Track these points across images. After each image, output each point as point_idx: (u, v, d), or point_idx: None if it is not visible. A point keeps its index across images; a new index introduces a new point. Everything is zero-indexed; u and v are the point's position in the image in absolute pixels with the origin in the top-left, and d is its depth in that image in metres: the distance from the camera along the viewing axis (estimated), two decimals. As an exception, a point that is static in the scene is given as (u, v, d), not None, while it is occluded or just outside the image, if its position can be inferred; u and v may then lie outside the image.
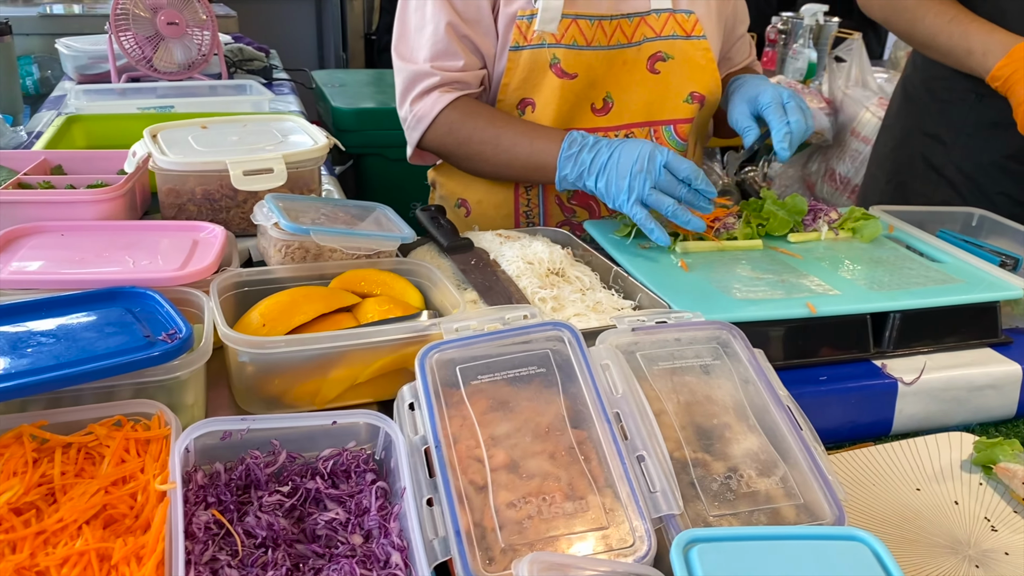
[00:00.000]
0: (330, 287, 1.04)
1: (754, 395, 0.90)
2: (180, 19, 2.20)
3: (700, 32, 1.49)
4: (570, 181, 1.34)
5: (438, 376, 0.86)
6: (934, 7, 1.62)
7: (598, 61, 1.44)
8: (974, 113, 1.72)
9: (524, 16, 1.39)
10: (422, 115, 1.41)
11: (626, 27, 1.45)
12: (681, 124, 1.53)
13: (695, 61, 1.49)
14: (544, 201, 1.54)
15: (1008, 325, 1.24)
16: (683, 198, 1.27)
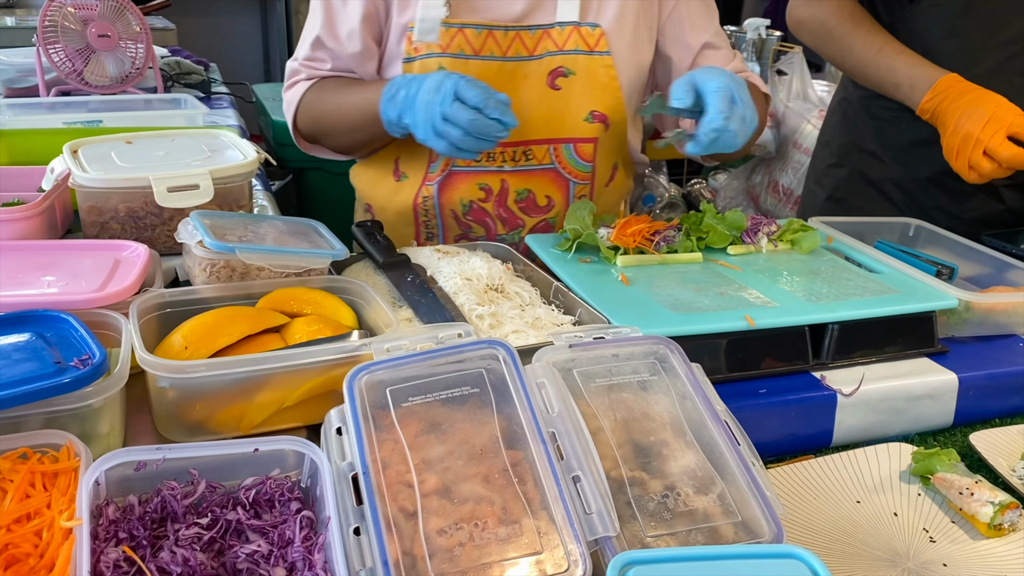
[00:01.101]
0: (257, 307, 1.00)
1: (691, 410, 0.89)
2: (112, 32, 2.14)
3: (604, 48, 1.43)
4: (394, 123, 1.29)
5: (367, 399, 0.83)
6: (861, 38, 1.65)
7: (490, 72, 1.40)
8: (910, 131, 1.75)
9: (410, 28, 1.38)
10: (289, 101, 1.45)
11: (528, 39, 1.41)
12: (582, 144, 1.48)
13: (597, 78, 1.44)
14: (441, 216, 1.50)
15: (944, 334, 1.25)
16: (469, 127, 1.19)
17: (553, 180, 1.50)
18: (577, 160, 1.50)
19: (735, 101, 1.22)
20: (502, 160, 1.47)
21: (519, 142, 1.46)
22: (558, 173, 1.50)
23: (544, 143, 1.48)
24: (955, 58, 1.61)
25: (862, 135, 1.83)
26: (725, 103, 1.20)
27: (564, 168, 1.50)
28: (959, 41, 1.62)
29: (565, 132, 1.48)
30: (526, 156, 1.47)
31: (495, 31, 1.40)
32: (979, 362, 1.19)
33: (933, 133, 1.64)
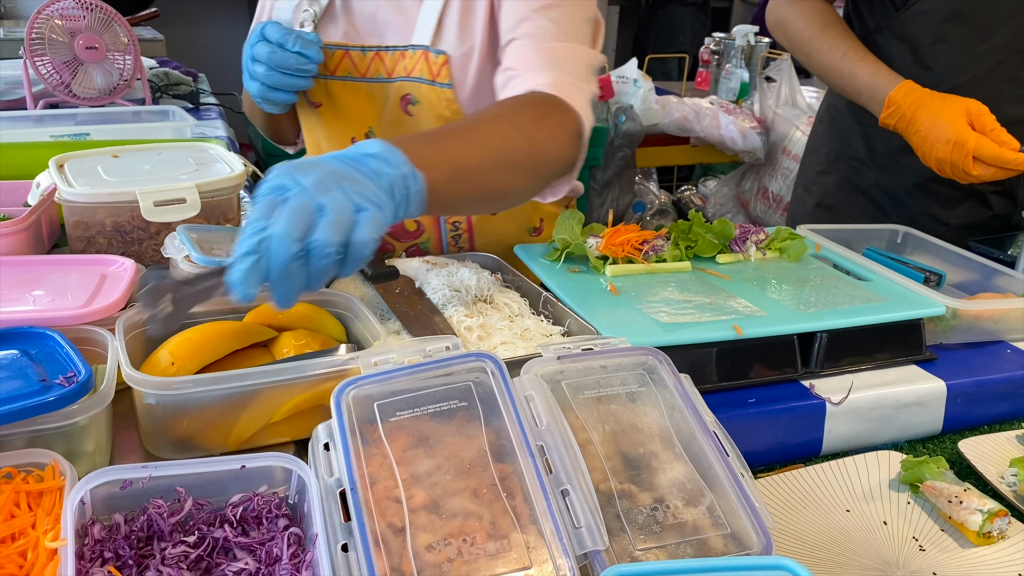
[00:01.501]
0: (244, 322, 1.00)
1: (680, 422, 0.89)
2: (100, 43, 2.13)
3: (445, 79, 1.32)
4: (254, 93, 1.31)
5: (355, 413, 0.82)
6: (827, 43, 1.65)
7: (346, 92, 1.39)
8: (897, 137, 1.75)
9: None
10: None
11: (388, 60, 1.37)
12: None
13: (439, 111, 1.35)
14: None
15: (932, 342, 1.25)
16: (269, 60, 1.22)
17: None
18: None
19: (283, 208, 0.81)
20: None
21: None
22: None
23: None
24: (944, 64, 1.63)
25: (850, 142, 1.84)
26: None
27: None
28: (947, 48, 1.63)
29: None
30: None
31: (351, 51, 1.37)
32: (967, 369, 1.20)
33: None
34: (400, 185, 0.88)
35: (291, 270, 0.78)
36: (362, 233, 0.80)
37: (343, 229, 0.79)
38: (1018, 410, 1.21)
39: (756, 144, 3.10)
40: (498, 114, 1.13)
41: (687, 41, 5.94)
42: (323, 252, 0.78)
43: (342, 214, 0.79)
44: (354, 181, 0.83)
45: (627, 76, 3.10)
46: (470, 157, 1.01)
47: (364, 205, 0.81)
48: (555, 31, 1.25)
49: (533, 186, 1.17)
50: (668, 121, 3.12)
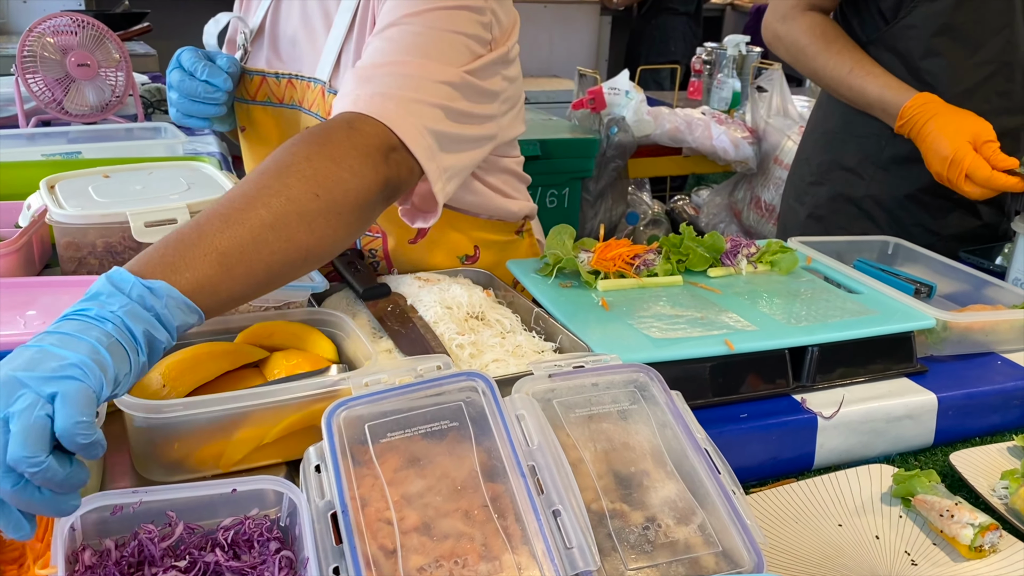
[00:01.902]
0: (236, 342, 1.00)
1: (672, 439, 0.89)
2: (92, 60, 2.13)
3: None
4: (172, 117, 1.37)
5: (346, 435, 0.82)
6: (833, 58, 1.67)
7: (266, 116, 1.39)
8: (890, 147, 1.76)
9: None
10: None
11: (299, 87, 1.35)
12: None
13: None
14: None
15: (923, 354, 1.26)
16: (179, 87, 1.27)
17: None
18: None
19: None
20: None
21: None
22: None
23: None
24: (935, 77, 1.64)
25: (842, 153, 1.85)
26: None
27: None
28: (938, 61, 1.65)
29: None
30: None
31: (268, 78, 1.38)
32: (958, 381, 1.20)
33: (912, 150, 1.66)
34: (135, 315, 0.76)
35: (17, 499, 0.66)
36: (62, 422, 0.66)
37: (41, 432, 0.66)
38: (1009, 422, 1.21)
39: (748, 154, 3.11)
40: (264, 169, 0.94)
41: (679, 51, 5.97)
42: (31, 468, 0.65)
43: (28, 417, 0.65)
44: (46, 360, 0.69)
45: (619, 88, 3.12)
46: (236, 234, 0.86)
47: (56, 388, 0.67)
48: (388, 48, 1.13)
49: (341, 229, 0.96)
50: (660, 132, 3.13)
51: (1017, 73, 1.68)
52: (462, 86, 1.14)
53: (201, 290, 0.82)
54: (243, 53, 1.39)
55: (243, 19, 1.39)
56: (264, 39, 1.39)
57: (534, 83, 5.36)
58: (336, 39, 1.27)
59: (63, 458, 0.67)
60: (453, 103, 1.12)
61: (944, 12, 1.63)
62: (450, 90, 1.12)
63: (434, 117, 1.09)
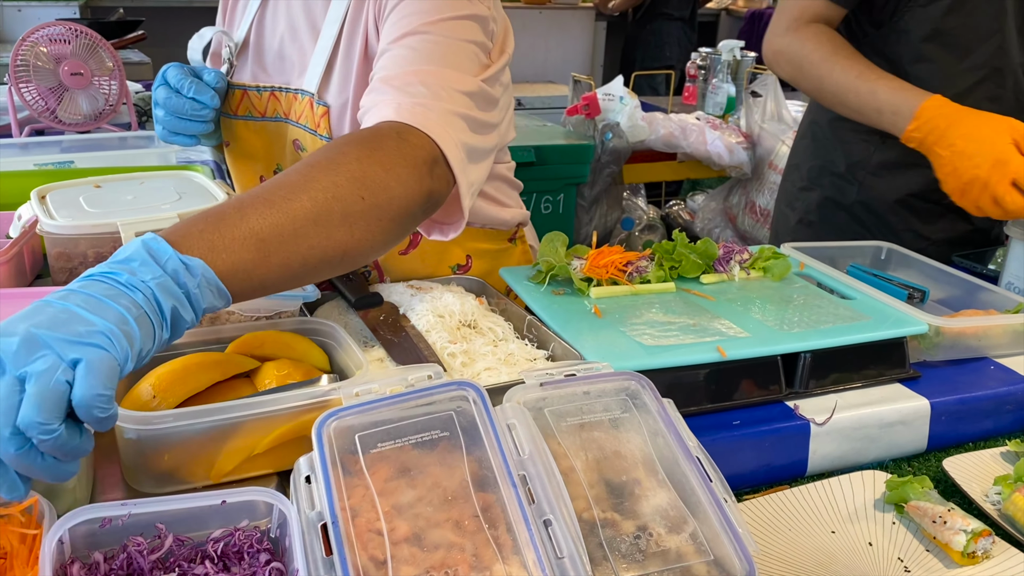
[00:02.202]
0: (227, 352, 1.00)
1: (663, 448, 0.89)
2: (85, 69, 2.13)
3: (325, 131, 1.27)
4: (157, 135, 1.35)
5: (336, 445, 0.82)
6: (840, 63, 1.61)
7: (248, 132, 1.39)
8: (879, 153, 1.77)
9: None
10: None
11: (283, 100, 1.34)
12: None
13: None
14: None
15: (916, 359, 1.26)
16: (166, 104, 1.26)
17: None
18: None
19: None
20: None
21: None
22: None
23: None
24: (924, 83, 1.63)
25: (832, 158, 1.85)
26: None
27: None
28: (928, 66, 1.65)
29: None
30: None
31: (249, 91, 1.37)
32: (951, 387, 1.20)
33: (901, 155, 1.66)
34: (167, 290, 0.75)
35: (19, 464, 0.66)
36: (83, 390, 0.65)
37: (59, 397, 0.65)
38: (1003, 427, 1.21)
39: (743, 159, 3.12)
40: (313, 162, 0.94)
41: (674, 56, 5.98)
42: (46, 437, 0.64)
43: (47, 381, 0.64)
44: (72, 323, 0.68)
45: (613, 93, 3.12)
46: (278, 222, 0.86)
47: (79, 356, 0.66)
48: (411, 57, 1.12)
49: (379, 235, 0.96)
50: (655, 137, 3.14)
51: (1008, 79, 1.69)
52: (478, 95, 1.14)
53: (235, 275, 0.81)
54: (228, 67, 1.38)
55: (228, 33, 1.39)
56: (249, 53, 1.39)
57: (529, 89, 5.36)
58: (324, 51, 1.26)
59: (74, 428, 0.66)
60: (473, 113, 1.12)
61: (935, 17, 1.63)
62: (469, 100, 1.13)
63: (463, 129, 1.09)
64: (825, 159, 1.86)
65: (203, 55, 1.40)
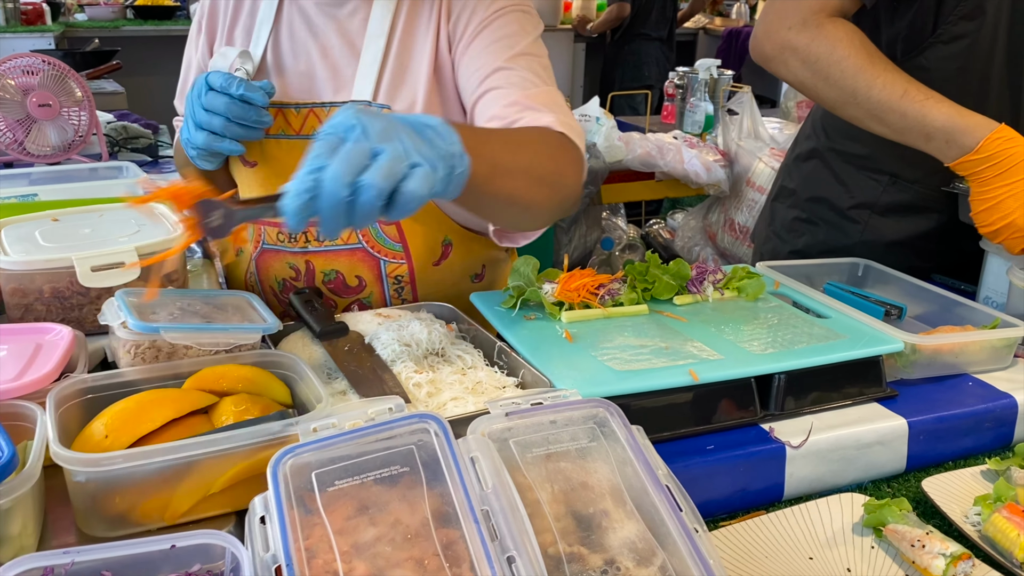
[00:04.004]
0: (183, 388, 0.97)
1: (632, 477, 0.86)
2: (54, 100, 2.11)
3: None
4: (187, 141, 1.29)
5: (293, 484, 0.79)
6: (881, 76, 1.45)
7: (280, 151, 1.38)
8: (887, 195, 1.71)
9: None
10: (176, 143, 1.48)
11: (322, 116, 1.36)
12: (385, 224, 1.41)
13: None
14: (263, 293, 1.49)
15: (893, 377, 1.24)
16: (224, 112, 1.21)
17: (362, 260, 1.42)
18: (385, 239, 1.42)
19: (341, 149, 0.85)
20: (305, 241, 1.42)
21: None
22: (367, 252, 1.42)
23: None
24: None
25: (835, 194, 1.78)
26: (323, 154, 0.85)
27: (372, 247, 1.42)
28: None
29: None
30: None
31: (286, 109, 1.37)
32: (929, 405, 1.18)
33: (912, 199, 1.64)
34: (447, 162, 0.89)
35: (340, 209, 0.83)
36: (412, 185, 0.84)
37: (393, 177, 0.83)
38: (982, 445, 1.20)
39: (720, 177, 3.12)
40: (526, 132, 1.20)
41: (653, 75, 6.02)
42: (369, 195, 0.82)
43: (396, 164, 0.83)
44: (415, 139, 0.86)
45: (589, 114, 3.12)
46: (507, 159, 1.07)
47: (420, 161, 0.85)
48: (532, 78, 1.31)
49: (551, 207, 1.20)
50: (632, 157, 3.13)
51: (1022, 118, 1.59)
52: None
53: (472, 180, 0.94)
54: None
55: (249, 54, 1.38)
56: (269, 74, 1.39)
57: (509, 111, 5.35)
58: (373, 63, 1.35)
59: (382, 209, 0.85)
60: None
61: (956, 54, 1.53)
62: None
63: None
64: (828, 192, 1.78)
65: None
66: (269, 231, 1.43)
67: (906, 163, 1.65)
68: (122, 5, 5.53)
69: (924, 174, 1.66)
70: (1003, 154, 1.37)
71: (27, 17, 4.34)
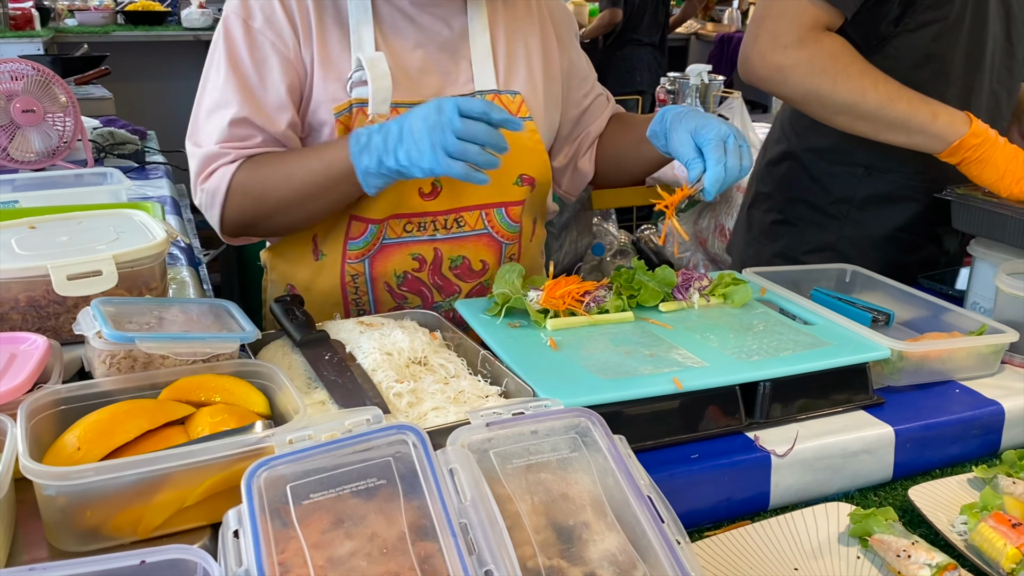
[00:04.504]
0: (159, 399, 0.95)
1: (613, 488, 0.85)
2: (37, 107, 2.09)
3: (526, 113, 1.47)
4: (373, 171, 1.24)
5: (267, 497, 0.78)
6: (882, 76, 1.53)
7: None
8: (864, 187, 1.73)
9: (342, 111, 1.36)
10: (214, 190, 1.32)
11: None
12: (513, 207, 1.49)
13: (523, 143, 1.45)
14: (373, 291, 1.47)
15: (880, 384, 1.23)
16: (486, 140, 1.15)
17: (487, 244, 1.50)
18: (509, 223, 1.51)
19: (726, 143, 1.25)
20: (433, 229, 1.45)
21: (451, 210, 1.45)
22: (491, 237, 1.50)
23: (476, 209, 1.47)
24: None
25: (812, 192, 1.80)
26: (719, 152, 1.24)
27: (497, 231, 1.50)
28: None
29: (496, 197, 1.47)
30: (458, 223, 1.46)
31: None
32: (916, 412, 1.18)
33: (888, 188, 1.68)
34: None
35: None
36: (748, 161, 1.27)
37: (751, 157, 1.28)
38: (969, 452, 1.19)
39: (711, 182, 3.11)
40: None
41: (645, 81, 6.01)
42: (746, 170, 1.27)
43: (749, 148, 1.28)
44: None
45: (580, 119, 3.10)
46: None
47: (743, 143, 1.28)
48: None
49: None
50: (623, 162, 3.11)
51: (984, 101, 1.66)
52: None
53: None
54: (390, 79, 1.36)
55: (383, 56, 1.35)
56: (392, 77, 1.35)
57: (501, 116, 5.34)
58: (485, 55, 1.44)
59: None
60: None
61: (924, 43, 1.58)
62: None
63: None
64: (805, 192, 1.80)
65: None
66: (394, 226, 1.42)
67: (879, 153, 1.68)
68: (113, 11, 5.51)
69: (897, 163, 1.69)
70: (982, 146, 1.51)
71: (16, 23, 4.31)
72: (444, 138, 1.15)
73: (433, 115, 1.16)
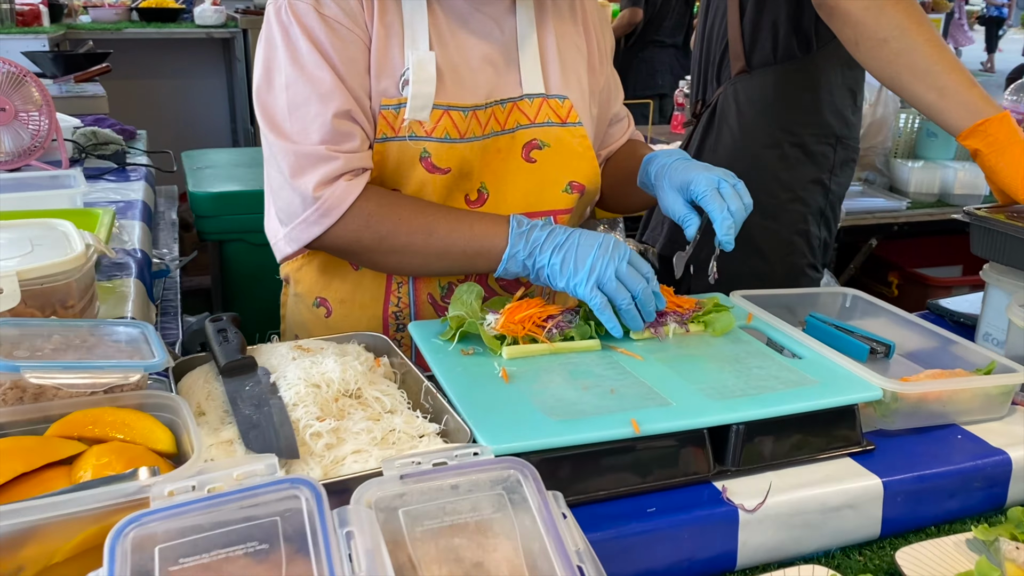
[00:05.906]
0: (44, 436, 0.86)
1: (538, 556, 0.74)
2: (9, 105, 2.02)
3: (576, 119, 1.41)
4: (520, 259, 1.24)
5: (132, 560, 0.68)
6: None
7: (472, 152, 1.33)
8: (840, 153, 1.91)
9: (390, 106, 1.27)
10: (332, 206, 1.22)
11: (499, 114, 1.36)
12: (561, 215, 1.42)
13: (572, 149, 1.40)
14: (415, 300, 1.39)
15: (871, 428, 1.11)
16: (639, 295, 1.18)
17: None
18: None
19: (720, 189, 1.25)
20: None
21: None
22: None
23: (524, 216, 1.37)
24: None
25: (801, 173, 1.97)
26: (718, 200, 1.24)
27: None
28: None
29: (544, 205, 1.40)
30: None
31: (478, 111, 1.33)
32: (909, 462, 1.05)
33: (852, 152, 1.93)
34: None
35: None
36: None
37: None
38: (969, 508, 1.06)
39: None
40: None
41: (667, 83, 5.86)
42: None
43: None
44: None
45: (586, 124, 2.99)
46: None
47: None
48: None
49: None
50: (630, 169, 3.00)
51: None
52: None
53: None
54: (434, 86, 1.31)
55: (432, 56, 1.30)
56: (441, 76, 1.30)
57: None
58: (534, 58, 1.39)
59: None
60: None
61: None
62: None
63: None
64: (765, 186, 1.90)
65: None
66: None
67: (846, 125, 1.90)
68: (127, 7, 5.48)
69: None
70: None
71: (23, 18, 4.28)
72: (606, 271, 1.18)
73: (606, 245, 1.20)
